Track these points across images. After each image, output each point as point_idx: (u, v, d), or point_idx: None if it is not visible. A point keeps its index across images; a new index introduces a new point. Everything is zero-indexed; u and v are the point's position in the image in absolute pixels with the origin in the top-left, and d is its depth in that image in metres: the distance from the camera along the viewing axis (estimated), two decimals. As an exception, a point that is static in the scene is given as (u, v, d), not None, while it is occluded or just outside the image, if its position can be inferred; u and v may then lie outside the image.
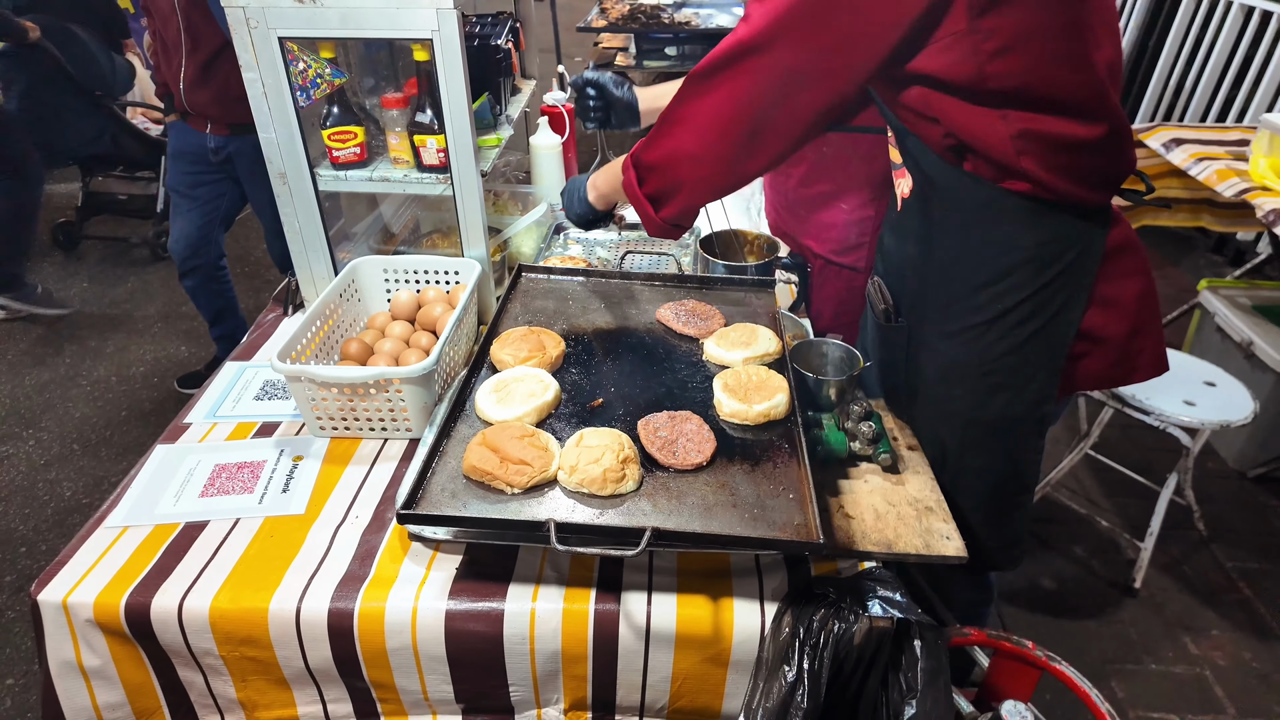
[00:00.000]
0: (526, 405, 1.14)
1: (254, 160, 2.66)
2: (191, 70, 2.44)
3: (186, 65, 2.44)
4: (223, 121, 2.57)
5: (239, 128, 2.58)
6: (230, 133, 2.60)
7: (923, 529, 1.08)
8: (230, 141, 2.62)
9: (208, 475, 1.19)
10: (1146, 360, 1.15)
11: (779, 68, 0.94)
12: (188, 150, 2.66)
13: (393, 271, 1.51)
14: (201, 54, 2.42)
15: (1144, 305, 1.12)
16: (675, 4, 4.24)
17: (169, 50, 2.47)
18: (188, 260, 2.85)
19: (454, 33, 1.26)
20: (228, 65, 2.46)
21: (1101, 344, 1.11)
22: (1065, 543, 2.38)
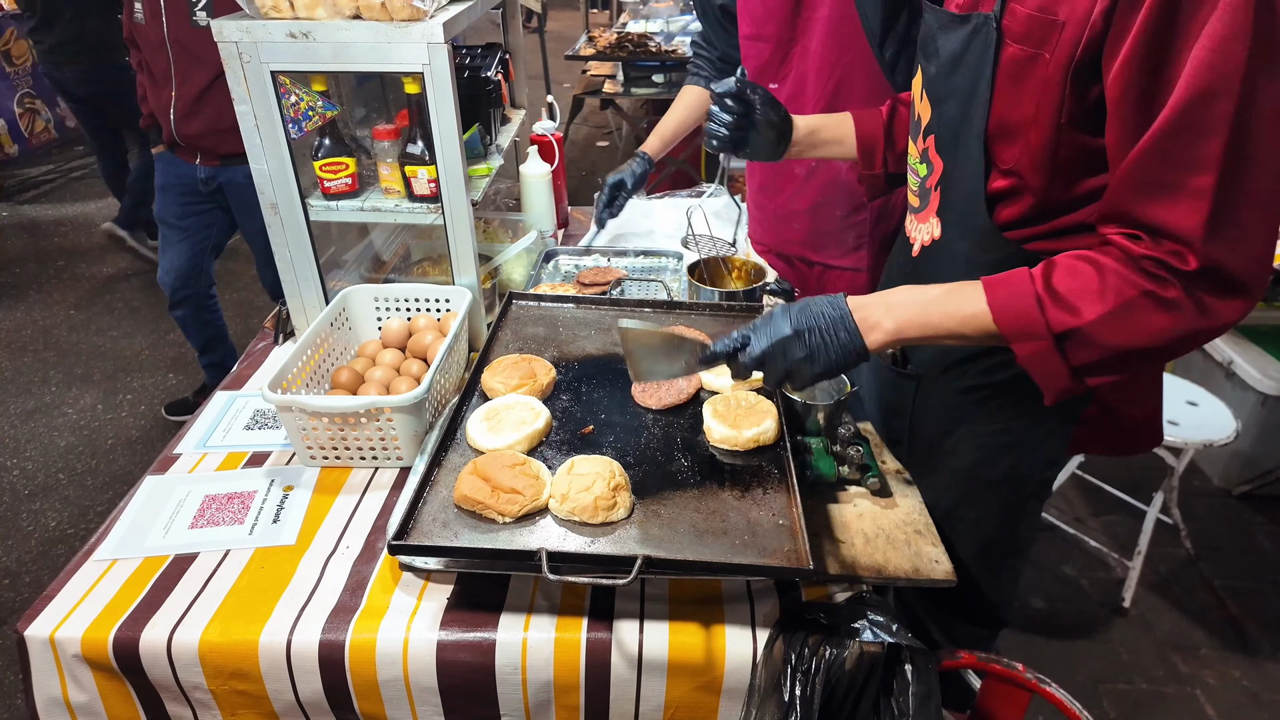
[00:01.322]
0: (517, 433, 1.14)
1: (245, 190, 2.63)
2: (182, 102, 2.45)
3: (177, 97, 2.45)
4: (214, 153, 2.57)
5: (230, 158, 2.58)
6: (221, 163, 2.60)
7: (912, 553, 1.09)
8: (221, 172, 2.62)
9: (197, 506, 1.19)
10: (1148, 433, 1.14)
11: None
12: (176, 181, 2.66)
13: (384, 300, 1.52)
14: (192, 86, 2.43)
15: (1152, 380, 1.11)
16: (662, 33, 4.31)
17: (158, 82, 2.47)
18: (178, 291, 2.85)
19: (445, 66, 1.28)
20: (219, 97, 2.46)
21: (1112, 413, 1.08)
22: (1055, 562, 2.39)
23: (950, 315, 0.88)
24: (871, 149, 1.26)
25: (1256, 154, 0.73)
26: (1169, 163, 0.76)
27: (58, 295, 4.11)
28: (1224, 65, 0.70)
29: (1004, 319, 0.85)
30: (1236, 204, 0.74)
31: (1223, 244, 0.75)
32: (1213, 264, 0.76)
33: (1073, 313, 0.81)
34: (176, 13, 2.33)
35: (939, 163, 1.03)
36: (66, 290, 4.16)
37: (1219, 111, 0.72)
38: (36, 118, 5.85)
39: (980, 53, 0.90)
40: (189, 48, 2.38)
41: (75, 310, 3.96)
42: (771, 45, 1.64)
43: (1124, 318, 0.80)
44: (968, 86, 0.93)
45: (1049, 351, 0.83)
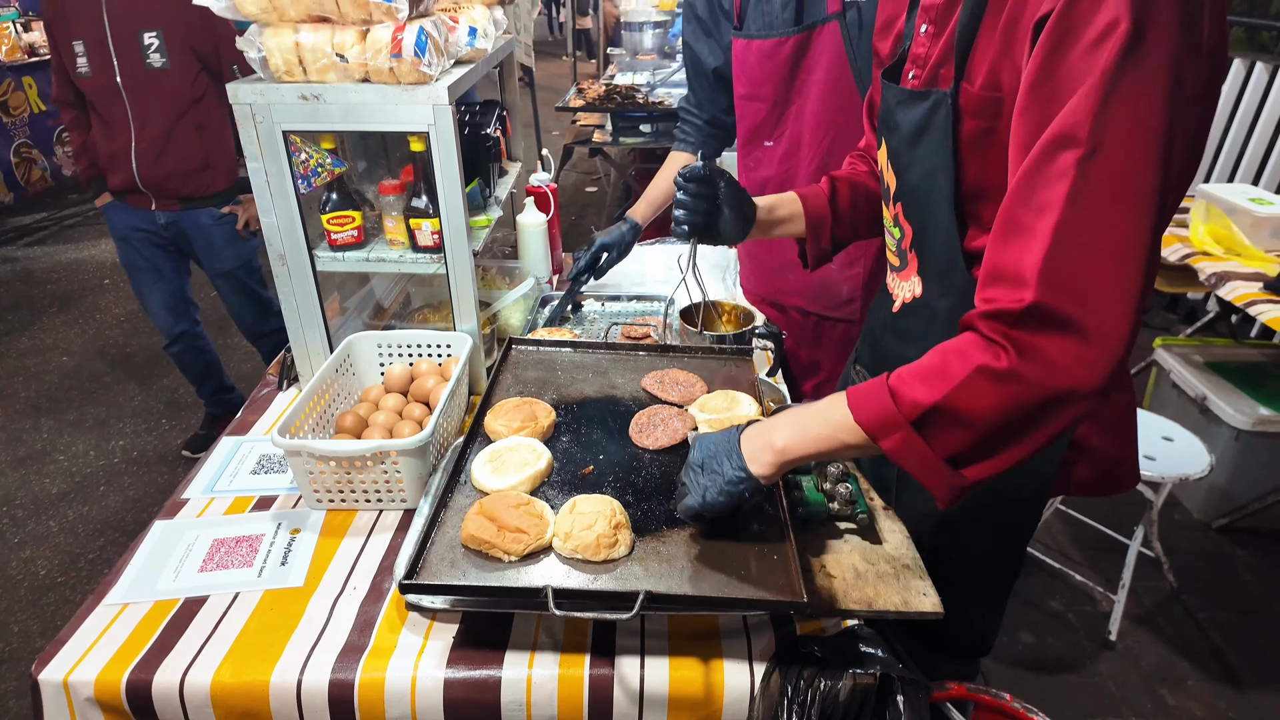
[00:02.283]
0: (520, 474, 1.19)
1: (211, 232, 2.68)
2: (145, 146, 2.46)
3: (138, 141, 2.45)
4: (176, 195, 2.57)
5: (193, 201, 2.59)
6: (181, 207, 2.60)
7: (901, 586, 1.13)
8: (182, 217, 2.62)
9: (206, 550, 1.22)
10: (1126, 472, 1.17)
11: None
12: (135, 230, 2.66)
13: (386, 346, 1.57)
14: (154, 129, 2.45)
15: (1126, 418, 1.14)
16: (649, 85, 4.46)
17: (114, 131, 2.46)
18: (173, 328, 2.88)
19: (449, 126, 1.35)
20: (185, 137, 2.50)
21: (1089, 454, 1.12)
22: (1042, 596, 2.43)
23: (825, 423, 0.90)
24: (819, 227, 1.32)
25: (1101, 198, 0.74)
26: (1022, 206, 0.78)
27: (50, 342, 4.13)
28: (1079, 111, 0.73)
29: (862, 414, 0.86)
30: (1076, 246, 0.74)
31: (1057, 284, 0.74)
32: (1047, 302, 0.75)
33: (919, 394, 0.81)
34: (128, 58, 2.36)
35: (908, 228, 1.09)
36: (59, 337, 4.18)
37: (1067, 157, 0.74)
38: (33, 166, 5.93)
39: (941, 126, 0.96)
40: (145, 91, 2.40)
41: (68, 357, 3.98)
42: (767, 105, 1.69)
43: (965, 392, 0.79)
44: (931, 157, 0.99)
45: (911, 438, 0.83)
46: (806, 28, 1.58)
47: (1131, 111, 0.72)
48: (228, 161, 2.68)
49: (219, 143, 2.63)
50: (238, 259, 2.78)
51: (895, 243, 1.15)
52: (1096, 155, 0.73)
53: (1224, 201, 2.53)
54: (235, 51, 2.50)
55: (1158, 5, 0.71)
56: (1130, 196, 0.73)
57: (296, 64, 1.33)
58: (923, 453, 0.83)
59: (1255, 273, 2.32)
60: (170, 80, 2.43)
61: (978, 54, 0.90)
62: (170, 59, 2.40)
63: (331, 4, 1.28)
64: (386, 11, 1.28)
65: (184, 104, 2.48)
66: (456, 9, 1.60)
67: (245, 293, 2.85)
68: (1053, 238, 0.75)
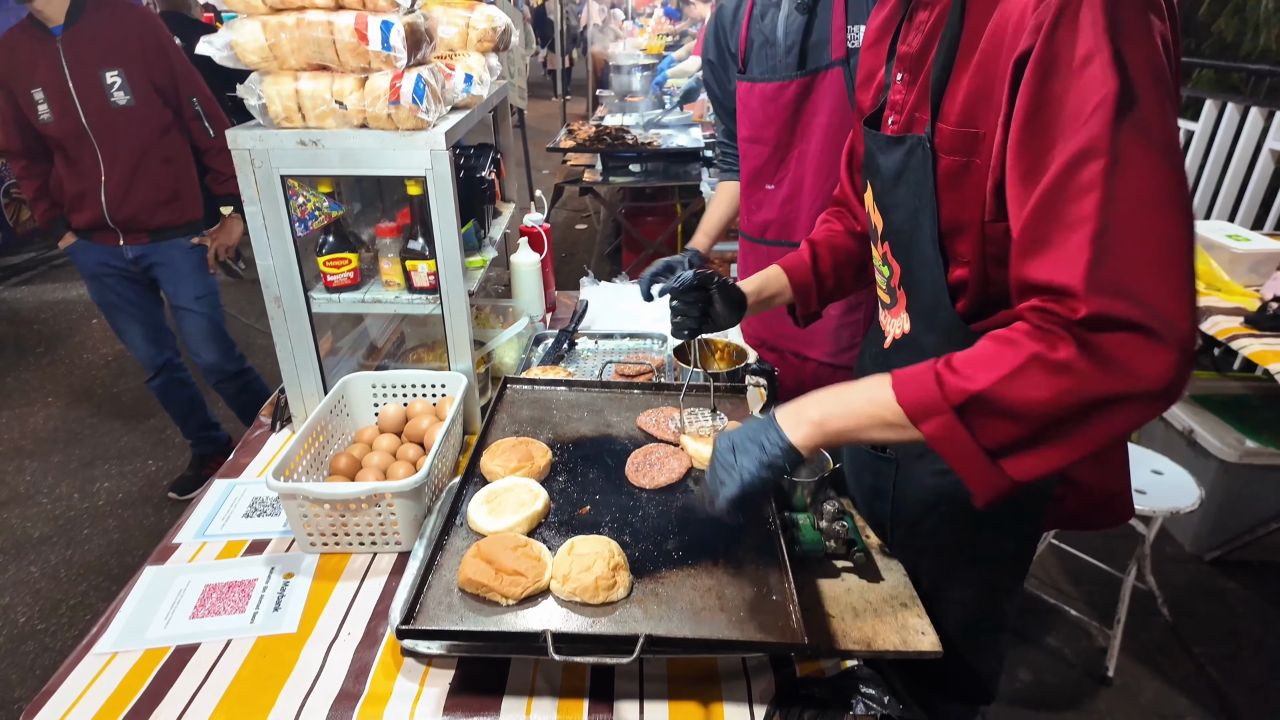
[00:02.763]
0: (517, 515, 1.18)
1: (180, 263, 2.69)
2: (115, 182, 2.48)
3: (107, 179, 2.47)
4: (147, 228, 2.59)
5: (163, 232, 2.60)
6: (150, 239, 2.61)
7: (899, 625, 1.13)
8: (152, 250, 2.63)
9: (198, 596, 1.20)
10: (1119, 506, 1.18)
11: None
12: (105, 267, 2.66)
13: (381, 386, 1.57)
14: (123, 165, 2.47)
15: (1116, 452, 1.16)
16: (637, 126, 4.54)
17: (80, 170, 2.48)
18: (155, 359, 2.88)
19: (446, 170, 1.38)
20: (154, 169, 2.53)
21: (1078, 487, 1.13)
22: (1038, 633, 2.42)
23: (868, 400, 0.89)
24: (806, 294, 1.36)
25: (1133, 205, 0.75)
26: (1050, 223, 0.78)
27: (36, 383, 4.09)
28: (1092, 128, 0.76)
29: (905, 396, 0.84)
30: (1120, 252, 0.74)
31: (1110, 290, 0.74)
32: (1103, 310, 0.74)
33: (967, 380, 0.80)
34: (92, 99, 2.38)
35: (896, 266, 1.12)
36: (45, 377, 4.14)
37: (1091, 170, 0.75)
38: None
39: (920, 169, 0.99)
40: (113, 129, 2.43)
41: (54, 398, 3.94)
42: (769, 148, 1.72)
43: (1017, 381, 0.77)
44: (912, 198, 1.03)
45: (953, 425, 0.80)
46: (810, 73, 1.60)
47: (1141, 122, 0.75)
48: (195, 192, 2.72)
49: (186, 174, 2.67)
50: (206, 288, 2.79)
51: (885, 280, 1.18)
52: (1120, 165, 0.74)
53: (1202, 238, 2.59)
54: (192, 85, 2.56)
55: (1129, 27, 0.76)
56: (1162, 198, 0.75)
57: (296, 110, 1.36)
58: (964, 441, 0.80)
59: (1236, 307, 2.36)
60: (136, 116, 2.47)
61: (950, 95, 0.94)
62: (134, 95, 2.44)
63: (331, 53, 1.31)
64: (385, 60, 1.31)
65: (151, 138, 2.53)
66: (453, 56, 1.64)
67: (210, 326, 2.84)
68: (1093, 248, 0.74)
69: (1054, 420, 0.78)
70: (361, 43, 1.29)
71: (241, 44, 1.31)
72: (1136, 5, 0.77)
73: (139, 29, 2.44)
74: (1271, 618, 2.47)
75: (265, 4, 1.30)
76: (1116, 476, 1.18)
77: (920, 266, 1.06)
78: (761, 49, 1.68)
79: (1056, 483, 1.14)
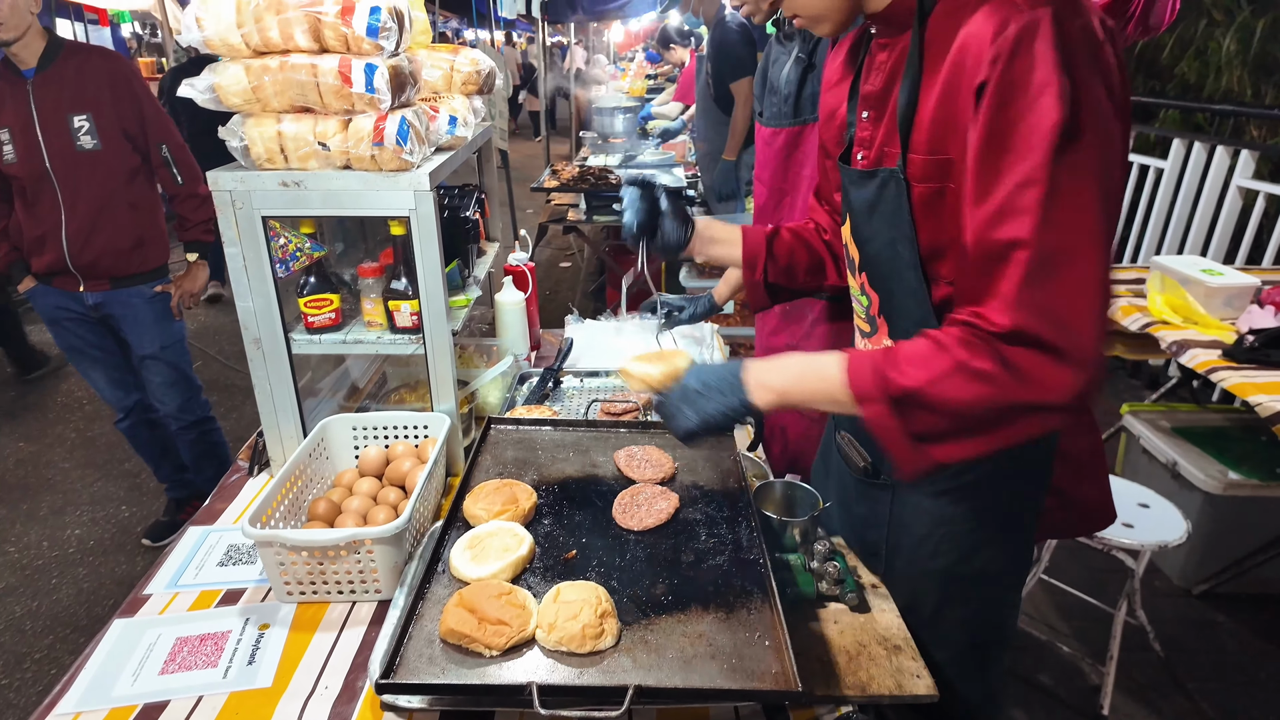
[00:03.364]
0: (501, 561, 1.15)
1: (141, 311, 2.64)
2: (76, 226, 2.45)
3: (68, 222, 2.44)
4: (108, 275, 2.55)
5: (124, 280, 2.57)
6: (111, 286, 2.57)
7: (894, 668, 1.11)
8: (111, 298, 2.59)
9: (169, 650, 1.15)
10: (1102, 512, 1.22)
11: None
12: (62, 311, 2.62)
13: (361, 428, 1.54)
14: (85, 209, 2.45)
15: (1094, 459, 1.20)
16: (621, 165, 4.59)
17: (40, 213, 2.45)
18: (124, 400, 2.82)
19: (430, 211, 1.37)
20: (117, 215, 2.50)
21: (1061, 495, 1.17)
22: (1031, 671, 2.38)
23: (822, 378, 0.98)
24: (754, 258, 1.42)
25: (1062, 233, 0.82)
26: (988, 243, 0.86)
27: (7, 428, 4.00)
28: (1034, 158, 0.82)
29: (853, 379, 0.94)
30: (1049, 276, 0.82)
31: (1034, 310, 0.82)
32: (1022, 327, 0.83)
33: (903, 376, 0.89)
34: (57, 141, 2.37)
35: (875, 295, 1.14)
36: (16, 423, 4.05)
37: (1030, 196, 0.82)
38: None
39: (894, 200, 1.03)
40: (76, 173, 2.41)
41: (25, 443, 3.85)
42: (767, 189, 1.80)
43: (944, 384, 0.87)
44: (888, 229, 1.05)
45: (886, 414, 0.91)
46: (800, 123, 1.69)
47: (1081, 155, 0.82)
48: (160, 239, 2.69)
49: (152, 221, 2.64)
50: (170, 337, 2.74)
51: (864, 309, 1.20)
52: (1056, 194, 0.82)
53: (1177, 273, 2.63)
54: (161, 131, 2.55)
55: (1080, 64, 0.82)
56: (1090, 229, 0.83)
57: (278, 152, 1.35)
58: (894, 428, 0.91)
59: (1213, 340, 2.39)
60: (102, 161, 2.46)
61: (918, 126, 0.98)
62: (102, 140, 2.43)
63: (315, 95, 1.31)
64: (369, 102, 1.31)
65: (116, 184, 2.51)
66: (437, 99, 1.65)
67: (175, 375, 2.78)
68: (1027, 266, 0.83)
69: (973, 418, 0.88)
70: (345, 85, 1.29)
71: (224, 87, 1.31)
72: (1088, 41, 0.83)
73: (111, 75, 2.43)
74: (1263, 652, 2.46)
75: (249, 47, 1.30)
76: (1098, 486, 1.23)
77: (902, 293, 1.08)
78: (770, 95, 1.76)
79: (1047, 496, 1.17)
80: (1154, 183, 4.00)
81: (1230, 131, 3.94)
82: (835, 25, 1.05)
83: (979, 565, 1.18)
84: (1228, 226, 3.67)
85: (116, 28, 9.45)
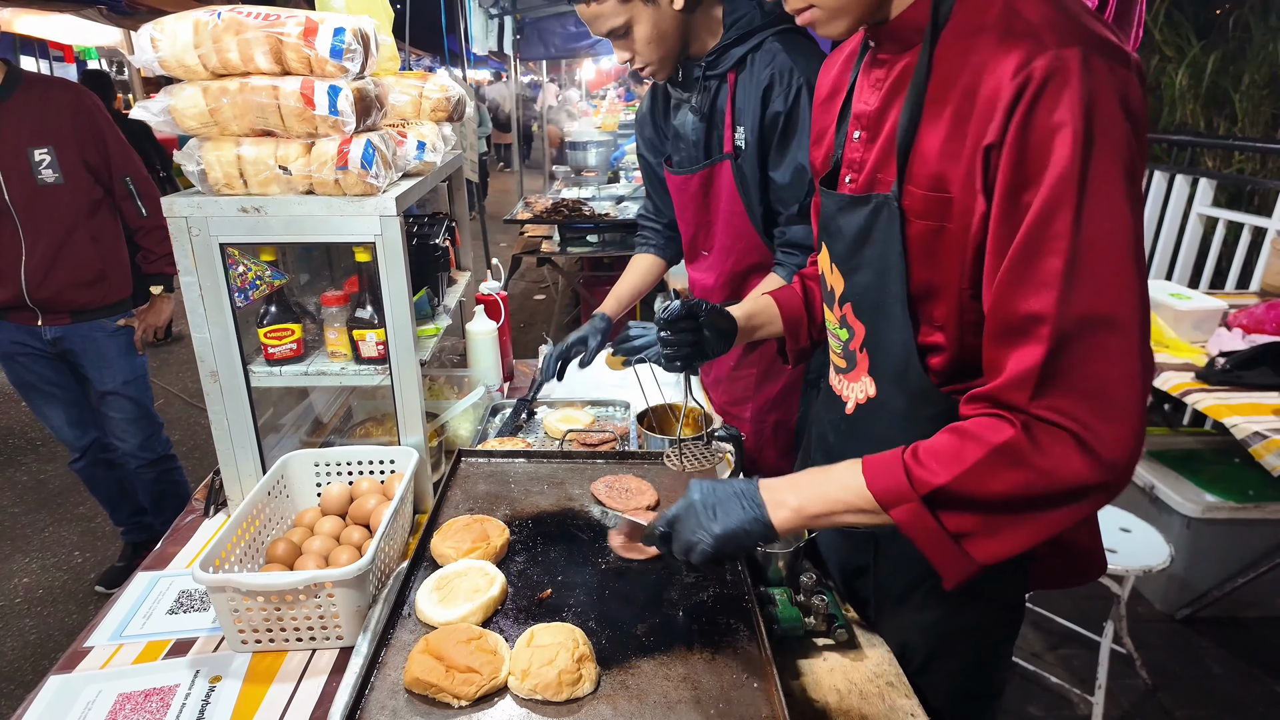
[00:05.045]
0: (471, 603, 1.08)
1: (103, 346, 2.57)
2: (36, 261, 2.38)
3: (28, 258, 2.37)
4: (68, 309, 2.48)
5: (84, 313, 2.50)
6: (72, 320, 2.50)
7: (886, 707, 1.05)
8: (71, 332, 2.51)
9: (109, 708, 1.06)
10: (1095, 561, 1.16)
11: None
12: (18, 346, 2.53)
13: (324, 464, 1.47)
14: (46, 244, 2.38)
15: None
16: (594, 198, 4.59)
17: (2, 249, 2.38)
18: (80, 439, 2.71)
19: (396, 235, 1.32)
20: (79, 249, 2.44)
21: (1056, 547, 1.10)
22: (1020, 703, 2.33)
23: (842, 488, 0.90)
24: (796, 327, 1.33)
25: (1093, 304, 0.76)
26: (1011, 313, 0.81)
27: (-48, 471, 3.82)
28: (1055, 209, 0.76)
29: (876, 484, 0.87)
30: (1073, 353, 0.77)
31: (1056, 391, 0.77)
32: (1044, 410, 0.77)
33: (933, 474, 0.83)
34: (16, 175, 2.32)
35: (860, 327, 1.07)
36: (-38, 464, 3.87)
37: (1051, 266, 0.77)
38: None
39: (886, 228, 0.96)
40: (37, 207, 2.35)
41: (-28, 486, 3.67)
42: (692, 228, 1.89)
43: (979, 473, 0.81)
44: (879, 258, 0.99)
45: (920, 511, 0.84)
46: (710, 164, 1.77)
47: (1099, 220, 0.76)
48: (123, 272, 2.62)
49: (114, 254, 2.57)
50: (132, 372, 2.65)
51: (842, 345, 1.14)
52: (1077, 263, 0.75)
53: (1146, 297, 2.66)
54: (126, 165, 2.49)
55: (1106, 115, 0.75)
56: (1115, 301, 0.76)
57: (237, 176, 1.30)
58: (932, 528, 0.84)
59: (1185, 363, 2.41)
60: (64, 195, 2.40)
61: (919, 156, 0.91)
62: (63, 174, 2.37)
63: (276, 118, 1.27)
64: (333, 125, 1.27)
65: (78, 217, 2.44)
66: (405, 125, 1.61)
67: (137, 411, 2.69)
68: (1050, 343, 0.77)
69: (1013, 510, 0.81)
70: (308, 107, 1.25)
71: (180, 109, 1.26)
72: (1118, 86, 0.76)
73: (73, 108, 2.38)
74: (1247, 677, 2.44)
75: (207, 69, 1.26)
76: (1090, 533, 1.16)
77: (888, 329, 1.02)
78: (677, 142, 1.85)
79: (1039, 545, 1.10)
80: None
81: (1187, 161, 4.04)
82: (849, 24, 0.95)
83: (970, 619, 1.12)
84: (1190, 252, 3.75)
85: (82, 64, 9.35)
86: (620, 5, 1.57)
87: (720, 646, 1.03)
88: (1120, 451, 0.77)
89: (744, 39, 1.65)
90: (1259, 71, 4.52)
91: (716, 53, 1.66)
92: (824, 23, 0.95)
